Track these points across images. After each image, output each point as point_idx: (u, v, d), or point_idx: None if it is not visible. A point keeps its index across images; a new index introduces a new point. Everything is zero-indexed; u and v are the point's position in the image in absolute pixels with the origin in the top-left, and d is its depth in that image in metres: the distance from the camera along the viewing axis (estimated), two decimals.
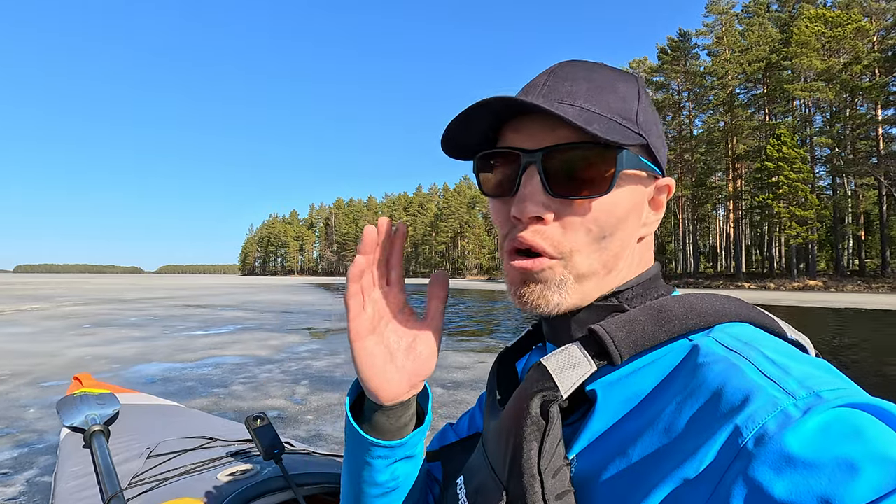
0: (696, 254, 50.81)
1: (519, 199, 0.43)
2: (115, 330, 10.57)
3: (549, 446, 0.37)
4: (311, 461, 1.18)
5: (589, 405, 0.41)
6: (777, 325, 0.42)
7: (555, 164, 0.42)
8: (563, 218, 0.43)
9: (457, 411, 4.58)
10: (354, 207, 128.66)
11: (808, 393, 0.31)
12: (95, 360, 6.98)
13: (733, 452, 0.30)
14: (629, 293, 0.46)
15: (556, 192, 0.42)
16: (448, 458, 0.60)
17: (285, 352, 7.90)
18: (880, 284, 30.48)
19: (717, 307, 0.41)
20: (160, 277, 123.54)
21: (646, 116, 0.46)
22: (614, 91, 0.45)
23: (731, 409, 0.32)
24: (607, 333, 0.40)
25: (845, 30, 35.44)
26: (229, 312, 15.41)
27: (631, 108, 0.45)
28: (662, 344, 0.40)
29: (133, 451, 1.29)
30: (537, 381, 0.40)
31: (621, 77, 0.47)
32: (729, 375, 0.34)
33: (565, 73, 0.46)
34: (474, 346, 8.82)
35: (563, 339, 0.46)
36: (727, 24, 45.10)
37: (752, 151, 43.38)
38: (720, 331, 0.39)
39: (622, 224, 0.44)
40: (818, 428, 0.29)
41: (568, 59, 0.48)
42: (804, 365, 0.35)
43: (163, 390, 5.25)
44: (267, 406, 4.68)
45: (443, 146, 0.47)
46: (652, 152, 0.46)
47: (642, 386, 0.39)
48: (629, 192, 0.44)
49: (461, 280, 78.58)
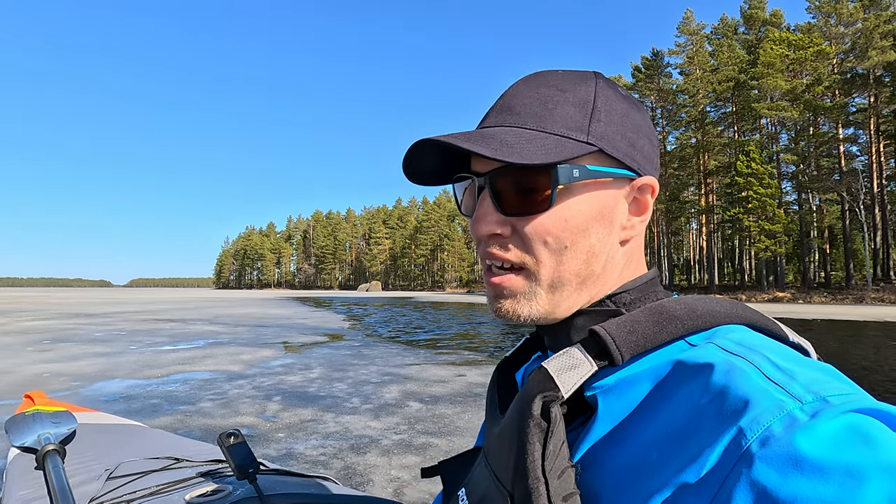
0: (670, 266, 52.03)
1: (475, 219, 0.45)
2: (77, 345, 10.11)
3: (552, 447, 0.36)
4: (288, 481, 1.11)
5: (590, 411, 0.41)
6: (778, 329, 0.42)
7: (500, 186, 0.44)
8: (519, 232, 0.44)
9: (435, 427, 4.45)
10: (333, 220, 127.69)
11: (814, 397, 0.31)
12: (54, 378, 6.63)
13: (736, 455, 0.30)
14: (626, 297, 0.46)
15: (507, 211, 0.44)
16: (448, 472, 0.58)
17: (258, 367, 7.65)
18: (845, 296, 31.52)
19: (718, 309, 0.41)
20: (130, 291, 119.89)
21: (607, 117, 0.45)
22: (563, 101, 0.45)
23: (734, 412, 0.31)
24: (608, 334, 0.40)
25: (807, 52, 37.11)
26: (200, 326, 14.96)
27: (582, 114, 0.44)
28: (664, 344, 0.40)
29: (91, 473, 1.19)
30: (538, 384, 0.39)
31: (576, 81, 0.46)
32: (732, 379, 0.33)
33: (515, 91, 0.47)
34: (453, 358, 8.70)
35: (562, 345, 0.45)
36: (698, 44, 46.77)
37: (723, 167, 44.75)
38: (723, 335, 0.39)
39: (584, 234, 0.44)
40: (827, 432, 0.28)
41: (530, 73, 0.49)
42: (810, 370, 0.34)
43: (125, 408, 5.00)
44: (236, 423, 4.48)
45: (408, 174, 0.49)
46: (613, 156, 0.45)
47: (643, 390, 0.38)
48: (586, 200, 0.44)
49: (441, 293, 78.47)
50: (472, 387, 6.19)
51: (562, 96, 0.45)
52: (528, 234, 0.44)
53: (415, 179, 0.50)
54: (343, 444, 3.98)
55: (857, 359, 8.83)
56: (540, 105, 0.45)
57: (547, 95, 0.45)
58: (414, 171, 0.49)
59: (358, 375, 6.98)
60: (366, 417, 4.77)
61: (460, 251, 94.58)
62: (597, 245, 0.45)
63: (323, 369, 7.46)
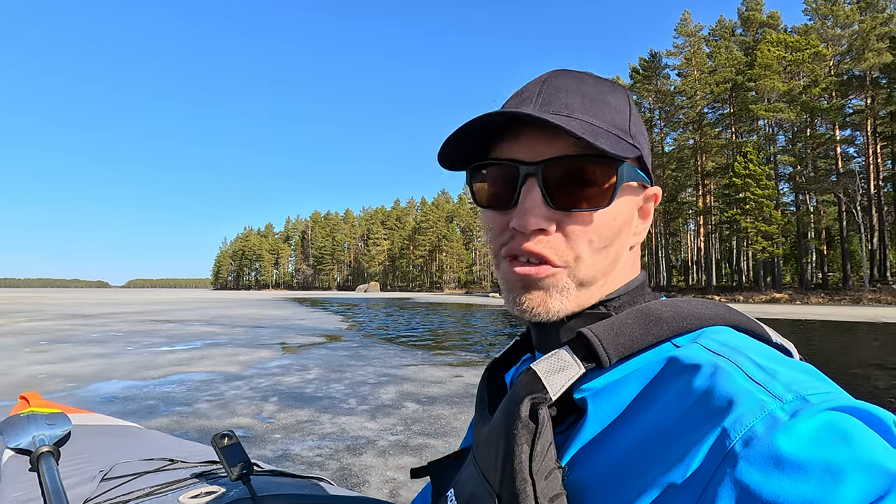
0: (668, 267, 52.00)
1: (520, 212, 0.42)
2: (74, 346, 10.08)
3: (540, 449, 0.36)
4: (282, 482, 1.11)
5: (578, 413, 0.41)
6: (762, 330, 0.42)
7: (555, 177, 0.42)
8: (565, 228, 0.43)
9: (432, 428, 4.45)
10: (332, 221, 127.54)
11: (794, 396, 0.31)
12: (50, 379, 6.60)
13: (721, 455, 0.30)
14: (617, 301, 0.46)
15: (557, 204, 0.42)
16: (437, 473, 0.58)
17: (255, 367, 7.64)
18: (842, 297, 31.60)
19: (703, 311, 0.42)
20: (128, 292, 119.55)
21: (637, 128, 0.46)
22: (607, 103, 0.45)
23: (718, 412, 0.32)
24: (595, 336, 0.40)
25: (804, 54, 37.26)
26: (198, 327, 14.91)
27: (624, 119, 0.45)
28: (650, 347, 0.40)
29: (85, 475, 1.19)
30: (526, 385, 0.39)
31: (612, 88, 0.47)
32: (716, 380, 0.34)
33: (559, 84, 0.45)
34: (450, 360, 8.71)
35: (551, 347, 0.45)
36: (695, 45, 46.86)
37: (720, 168, 44.85)
38: (707, 336, 0.39)
39: (619, 234, 0.45)
40: (806, 431, 0.29)
41: (556, 69, 0.48)
42: (791, 369, 0.35)
43: (121, 410, 4.98)
44: (232, 424, 4.47)
45: (441, 157, 0.46)
46: (644, 163, 0.47)
47: (631, 392, 0.39)
48: (625, 202, 0.45)
49: (439, 294, 78.42)
50: (469, 388, 6.19)
51: (605, 98, 0.45)
52: (576, 230, 0.43)
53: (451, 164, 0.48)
54: (339, 445, 3.98)
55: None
56: (590, 102, 0.44)
57: (593, 94, 0.45)
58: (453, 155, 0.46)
59: (355, 376, 6.98)
60: (362, 418, 4.77)
61: (459, 252, 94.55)
62: (621, 247, 0.46)
63: (320, 370, 7.46)
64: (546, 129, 0.42)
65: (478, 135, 0.45)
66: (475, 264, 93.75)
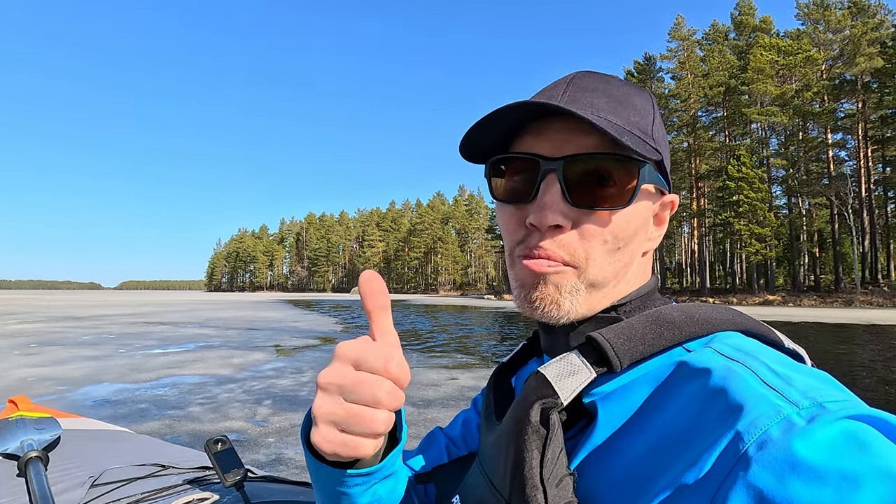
0: (662, 269, 52.43)
1: (538, 207, 0.42)
2: (65, 349, 9.97)
3: (551, 455, 0.36)
4: (276, 489, 1.10)
5: (589, 418, 0.40)
6: (774, 335, 0.42)
7: (576, 174, 0.42)
8: (580, 227, 0.42)
9: (426, 431, 4.42)
10: (326, 222, 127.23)
11: (811, 403, 0.31)
12: (39, 382, 6.52)
13: (734, 458, 0.30)
14: (628, 306, 0.46)
15: (577, 202, 0.42)
16: (442, 479, 0.58)
17: (249, 370, 7.58)
18: (834, 299, 31.89)
19: (714, 316, 0.41)
20: (120, 294, 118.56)
21: (660, 132, 0.46)
22: (632, 105, 0.45)
23: (731, 415, 0.31)
24: (606, 340, 0.39)
25: (796, 58, 37.65)
26: (191, 329, 14.81)
27: (648, 122, 0.45)
28: (662, 351, 0.40)
29: (75, 480, 1.17)
30: (536, 390, 0.39)
31: (637, 91, 0.47)
32: (730, 383, 0.33)
33: (584, 84, 0.45)
34: (446, 362, 8.68)
35: (560, 349, 0.45)
36: (689, 49, 47.26)
37: (714, 171, 45.21)
38: (720, 340, 0.39)
39: (634, 237, 0.44)
40: (824, 437, 0.28)
41: (582, 70, 0.48)
42: (806, 376, 0.34)
43: (112, 414, 4.93)
44: (226, 428, 4.44)
45: (463, 148, 0.46)
46: (664, 168, 0.46)
47: (641, 396, 0.38)
48: (643, 207, 0.45)
49: (434, 296, 78.42)
50: (465, 390, 6.17)
51: (630, 100, 0.45)
52: (592, 229, 0.42)
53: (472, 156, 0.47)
54: None
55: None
56: (615, 103, 0.44)
57: (618, 96, 0.45)
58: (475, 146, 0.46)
59: None
60: None
61: (454, 254, 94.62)
62: (635, 251, 0.45)
63: (314, 373, 7.41)
64: (569, 125, 0.42)
65: (501, 127, 0.44)
66: (470, 266, 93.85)
